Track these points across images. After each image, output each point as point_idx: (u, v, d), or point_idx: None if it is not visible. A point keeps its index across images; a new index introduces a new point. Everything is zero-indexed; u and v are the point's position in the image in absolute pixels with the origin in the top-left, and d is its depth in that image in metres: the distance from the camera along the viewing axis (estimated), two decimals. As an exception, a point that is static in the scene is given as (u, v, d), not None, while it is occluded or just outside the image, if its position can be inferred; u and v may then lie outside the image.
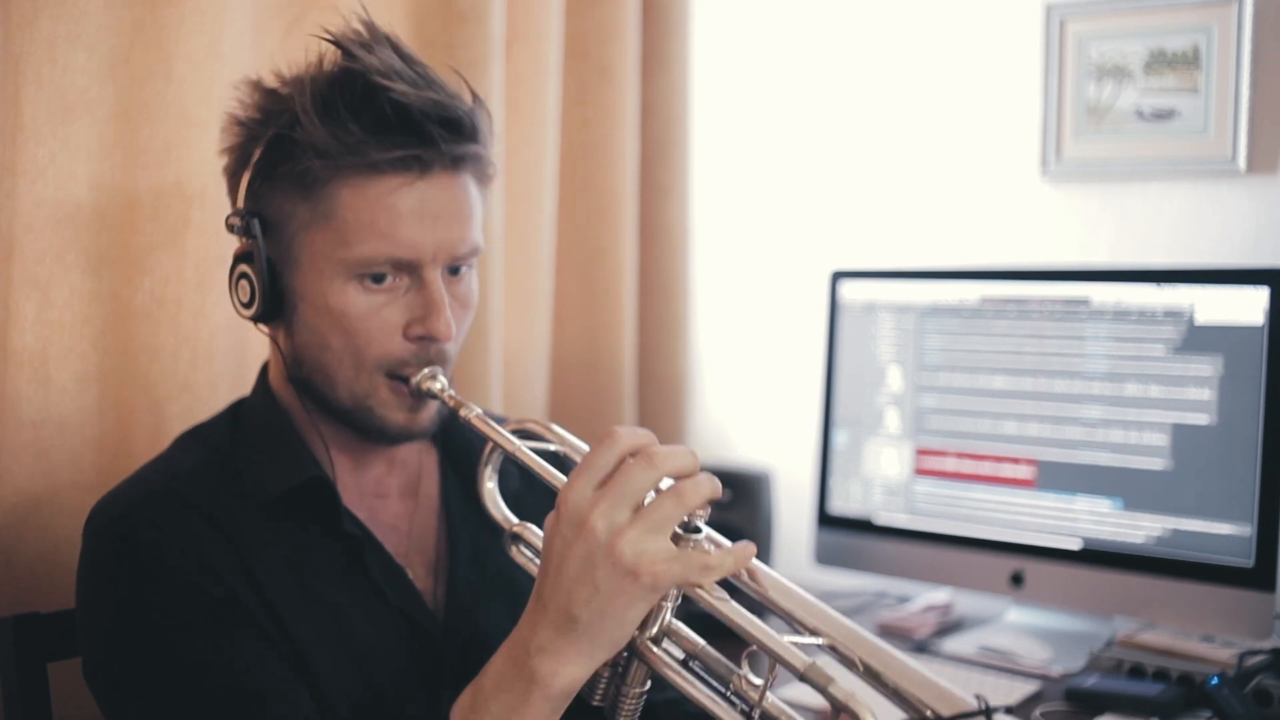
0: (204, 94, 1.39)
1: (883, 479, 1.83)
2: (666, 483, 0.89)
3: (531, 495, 1.21)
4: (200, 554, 1.02)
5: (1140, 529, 1.59)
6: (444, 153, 1.04)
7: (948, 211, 2.05)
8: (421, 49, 1.66)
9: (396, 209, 1.03)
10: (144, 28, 1.35)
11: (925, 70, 2.06)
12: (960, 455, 1.76)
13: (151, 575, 1.00)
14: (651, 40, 2.15)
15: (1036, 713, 1.46)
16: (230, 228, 1.11)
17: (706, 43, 2.26)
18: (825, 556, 1.90)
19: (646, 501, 0.87)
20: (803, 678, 0.83)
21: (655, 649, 0.93)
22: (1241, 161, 1.76)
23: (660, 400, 2.21)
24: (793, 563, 2.05)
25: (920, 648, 1.71)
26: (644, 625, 0.93)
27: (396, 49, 1.06)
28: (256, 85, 1.08)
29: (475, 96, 1.11)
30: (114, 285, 1.37)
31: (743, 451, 2.21)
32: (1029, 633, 1.72)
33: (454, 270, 1.09)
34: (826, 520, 1.88)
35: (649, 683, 0.96)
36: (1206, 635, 1.58)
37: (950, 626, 1.82)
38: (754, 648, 0.89)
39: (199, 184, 1.39)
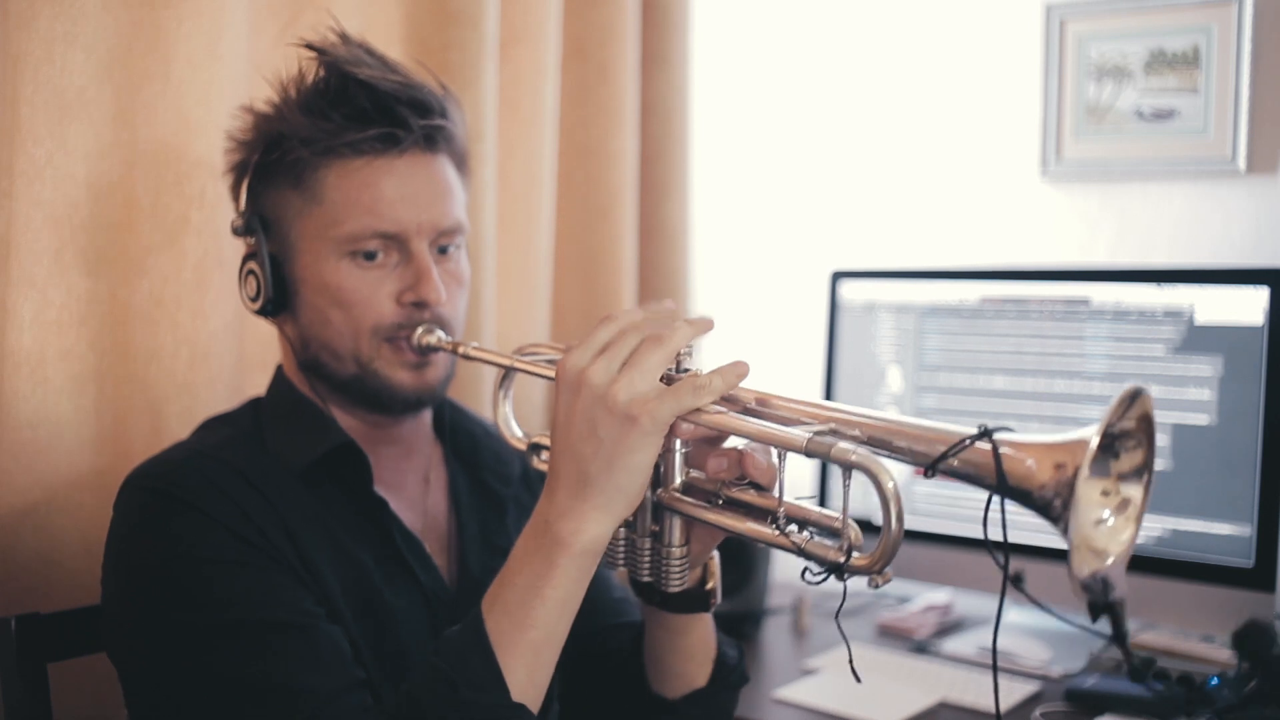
0: (202, 95, 1.39)
1: (882, 479, 1.83)
2: None
3: (530, 495, 1.29)
4: (244, 508, 1.06)
5: (1140, 529, 1.59)
6: (415, 130, 1.13)
7: (948, 211, 2.05)
8: (415, 50, 1.67)
9: (379, 185, 1.12)
10: (142, 28, 1.35)
11: (925, 70, 2.06)
12: (960, 455, 1.75)
13: (198, 524, 1.04)
14: (651, 40, 2.15)
15: (1036, 713, 1.45)
16: (235, 230, 1.19)
17: (706, 42, 2.26)
18: (825, 557, 1.88)
19: None
20: (806, 452, 0.86)
21: (685, 498, 0.97)
22: (1241, 161, 1.76)
23: (660, 400, 2.21)
24: (792, 564, 2.04)
25: (920, 648, 1.71)
26: (666, 480, 0.97)
27: (367, 49, 1.17)
28: (250, 109, 1.19)
29: (444, 87, 1.21)
30: (112, 286, 1.36)
31: (743, 452, 2.20)
32: (1029, 633, 1.72)
33: (443, 250, 1.17)
34: (826, 520, 1.88)
35: (689, 541, 1.00)
36: (1206, 635, 1.58)
37: (950, 627, 1.82)
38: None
39: (197, 185, 1.39)
